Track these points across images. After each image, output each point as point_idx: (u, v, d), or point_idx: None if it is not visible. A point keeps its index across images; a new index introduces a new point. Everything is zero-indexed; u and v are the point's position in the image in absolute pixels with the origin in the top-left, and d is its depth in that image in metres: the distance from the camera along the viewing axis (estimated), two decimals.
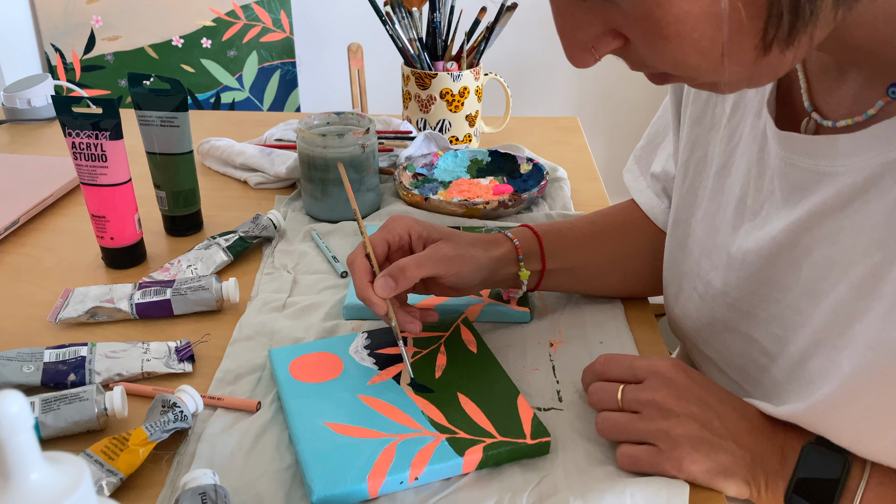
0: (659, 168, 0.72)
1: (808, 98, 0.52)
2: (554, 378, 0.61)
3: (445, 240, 0.62)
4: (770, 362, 0.54)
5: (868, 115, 0.47)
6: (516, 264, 0.65)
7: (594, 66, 0.44)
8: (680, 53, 0.40)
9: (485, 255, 0.63)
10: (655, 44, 0.40)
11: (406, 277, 0.58)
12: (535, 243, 0.67)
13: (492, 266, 0.63)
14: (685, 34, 0.39)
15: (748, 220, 0.56)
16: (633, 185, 0.75)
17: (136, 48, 1.83)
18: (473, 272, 0.61)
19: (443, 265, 0.60)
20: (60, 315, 0.68)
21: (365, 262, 0.60)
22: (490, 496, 0.49)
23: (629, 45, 0.43)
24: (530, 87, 1.97)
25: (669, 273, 0.67)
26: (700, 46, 0.39)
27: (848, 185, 0.47)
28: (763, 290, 0.54)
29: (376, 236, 0.62)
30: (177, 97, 0.78)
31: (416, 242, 0.62)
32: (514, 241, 0.65)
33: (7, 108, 1.20)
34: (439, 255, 0.60)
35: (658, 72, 0.45)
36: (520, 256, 0.65)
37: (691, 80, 0.45)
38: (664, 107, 0.73)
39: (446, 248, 0.61)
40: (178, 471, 0.52)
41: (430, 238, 0.62)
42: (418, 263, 0.59)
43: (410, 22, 1.01)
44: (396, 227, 0.62)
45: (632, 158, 0.77)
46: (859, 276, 0.46)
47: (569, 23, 0.43)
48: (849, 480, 0.47)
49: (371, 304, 0.58)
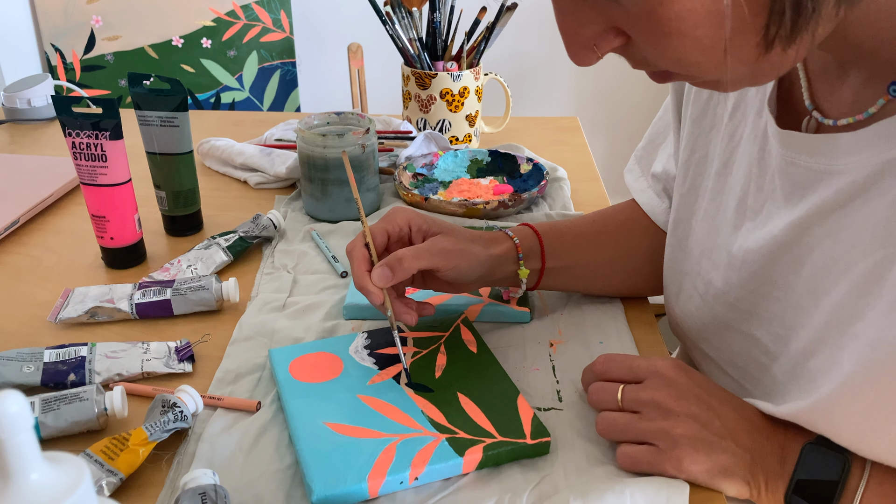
0: (660, 168, 0.72)
1: (808, 97, 0.52)
2: (554, 378, 0.61)
3: (445, 233, 0.62)
4: (771, 361, 0.55)
5: (869, 114, 0.47)
6: (516, 263, 0.65)
7: (595, 65, 0.45)
8: (681, 51, 0.40)
9: (484, 251, 0.63)
10: (657, 41, 0.40)
11: (403, 268, 0.58)
12: (535, 242, 0.67)
13: (490, 263, 0.63)
14: (687, 32, 0.39)
15: (749, 219, 0.56)
16: (634, 185, 0.75)
17: (136, 48, 1.83)
18: (471, 268, 0.61)
19: (440, 258, 0.59)
20: (60, 315, 0.68)
21: (364, 251, 0.60)
22: (490, 496, 0.49)
23: (631, 42, 0.43)
24: (530, 87, 1.97)
25: (670, 273, 0.67)
26: (702, 44, 0.39)
27: (849, 184, 0.47)
28: (764, 288, 0.54)
29: (376, 226, 0.62)
30: (177, 97, 0.78)
31: (416, 234, 0.62)
32: (515, 239, 0.65)
33: (7, 108, 1.20)
34: (437, 248, 0.60)
35: (660, 70, 0.45)
36: (519, 255, 0.65)
37: (693, 79, 0.45)
38: (665, 107, 0.73)
39: (445, 242, 0.61)
40: (178, 471, 0.52)
41: (430, 231, 0.62)
42: (416, 255, 0.59)
43: (410, 22, 1.01)
44: (397, 218, 0.62)
45: (633, 158, 0.77)
46: (860, 274, 0.46)
47: (571, 21, 0.43)
48: (849, 480, 0.47)
49: (367, 293, 0.58)
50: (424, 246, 0.60)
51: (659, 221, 0.72)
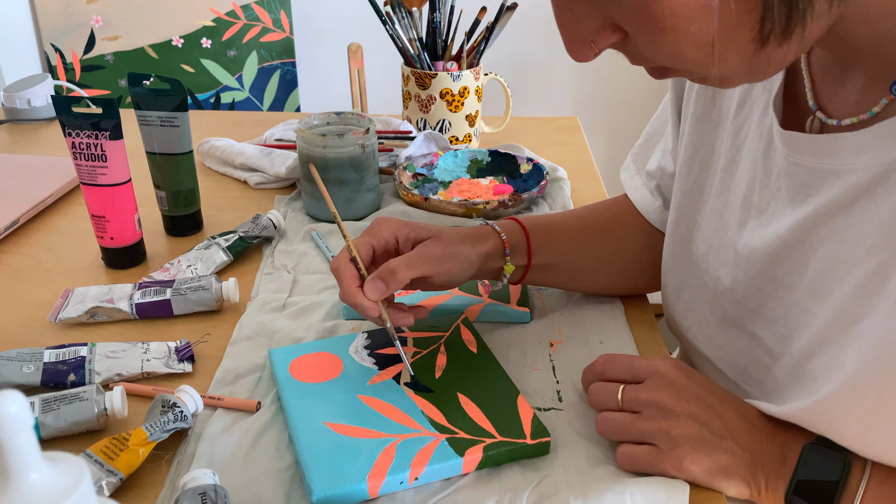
0: (654, 165, 0.72)
1: (812, 97, 0.52)
2: (554, 378, 0.61)
3: (434, 238, 0.61)
4: (773, 362, 0.54)
5: (872, 114, 0.47)
6: (502, 258, 0.65)
7: (595, 66, 0.45)
8: (677, 47, 0.41)
9: (473, 251, 0.62)
10: (653, 37, 0.41)
11: (396, 280, 0.57)
12: (521, 237, 0.66)
13: (480, 262, 0.63)
14: (681, 27, 0.39)
15: (754, 217, 0.56)
16: (629, 183, 0.75)
17: (136, 48, 1.83)
18: (463, 270, 0.61)
19: (433, 265, 0.59)
20: (60, 315, 0.68)
21: (351, 267, 0.58)
22: (490, 496, 0.49)
23: (628, 38, 0.43)
24: (530, 87, 1.97)
25: (669, 270, 0.67)
26: (697, 39, 0.40)
27: (853, 184, 0.46)
28: (769, 287, 0.54)
29: (361, 240, 0.60)
30: (177, 97, 0.78)
31: (404, 245, 0.62)
32: (502, 234, 0.65)
33: (7, 108, 1.20)
34: (429, 255, 0.59)
35: (657, 65, 0.45)
36: (506, 251, 0.65)
37: (690, 74, 0.45)
38: (663, 105, 0.73)
39: (436, 248, 0.60)
40: (178, 471, 0.52)
41: (419, 238, 0.61)
42: (409, 265, 0.58)
43: (410, 22, 1.01)
44: (382, 232, 0.61)
45: (629, 157, 0.77)
46: (864, 274, 0.45)
47: (568, 17, 0.43)
48: (849, 480, 0.47)
49: (362, 309, 0.57)
50: (415, 254, 0.59)
51: (651, 219, 0.71)
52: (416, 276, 0.58)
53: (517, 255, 0.66)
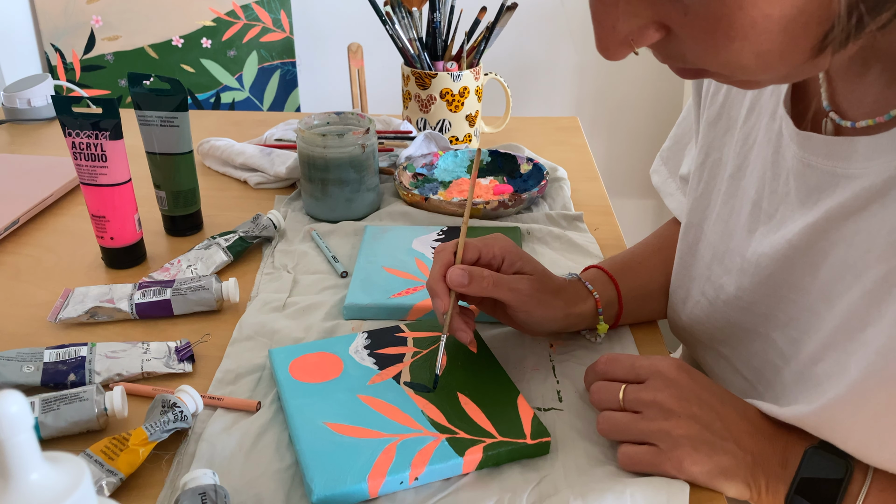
0: (686, 170, 0.71)
1: (827, 97, 0.51)
2: (554, 378, 0.61)
3: (534, 277, 0.61)
4: (784, 364, 0.54)
5: (890, 116, 0.46)
6: (595, 318, 0.65)
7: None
8: (736, 55, 0.38)
9: (564, 308, 0.62)
10: (714, 43, 0.38)
11: (479, 285, 0.57)
12: (613, 293, 0.66)
13: (569, 320, 0.63)
14: (752, 37, 0.37)
15: (763, 223, 0.56)
16: (664, 188, 0.74)
17: (136, 48, 1.83)
18: (546, 318, 0.61)
19: (515, 297, 0.59)
20: (60, 315, 0.68)
21: (449, 256, 0.59)
22: (490, 496, 0.49)
23: (670, 37, 0.40)
24: (530, 87, 1.97)
25: (678, 278, 0.66)
26: (760, 49, 0.37)
27: (865, 189, 0.46)
28: (781, 292, 0.54)
29: (473, 241, 0.61)
30: (177, 97, 0.78)
31: (506, 267, 0.61)
32: (594, 293, 0.65)
33: (7, 108, 1.20)
34: (517, 287, 0.59)
35: (695, 67, 0.42)
36: (599, 310, 0.65)
37: (727, 78, 0.43)
38: (688, 108, 0.72)
39: (528, 285, 0.60)
40: (178, 471, 0.52)
41: (522, 269, 0.61)
42: (496, 282, 0.58)
43: (410, 22, 1.01)
44: (494, 244, 0.61)
45: (658, 159, 0.76)
46: (873, 280, 0.45)
47: (611, 13, 0.40)
48: (851, 485, 0.47)
49: (435, 297, 0.58)
50: (508, 279, 0.59)
51: None
52: (495, 296, 0.58)
53: (609, 309, 0.66)
